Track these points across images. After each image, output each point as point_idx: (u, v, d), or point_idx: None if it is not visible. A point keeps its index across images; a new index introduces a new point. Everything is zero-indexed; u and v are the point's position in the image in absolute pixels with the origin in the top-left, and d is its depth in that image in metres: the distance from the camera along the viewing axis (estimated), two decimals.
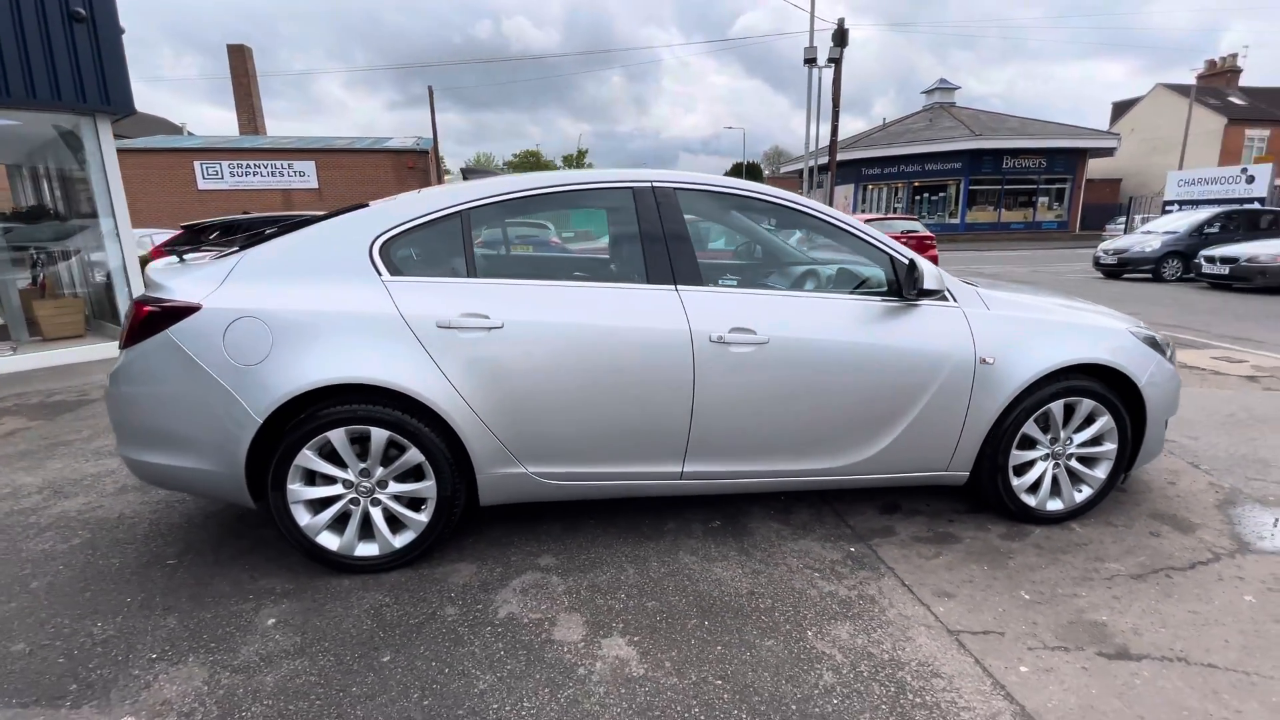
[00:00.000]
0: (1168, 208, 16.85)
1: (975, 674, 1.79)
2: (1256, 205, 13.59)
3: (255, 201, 21.93)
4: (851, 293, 2.45)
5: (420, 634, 1.96)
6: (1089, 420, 2.57)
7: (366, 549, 2.26)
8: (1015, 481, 2.57)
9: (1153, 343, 2.67)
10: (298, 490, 2.17)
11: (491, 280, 2.25)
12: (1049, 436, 2.56)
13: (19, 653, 1.90)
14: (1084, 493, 2.64)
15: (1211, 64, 32.45)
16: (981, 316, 2.45)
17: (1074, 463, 2.61)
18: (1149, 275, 12.19)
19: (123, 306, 6.00)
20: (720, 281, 2.72)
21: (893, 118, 35.39)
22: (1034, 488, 2.60)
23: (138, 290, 5.97)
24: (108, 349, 5.83)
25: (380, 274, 2.18)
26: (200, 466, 2.15)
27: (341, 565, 2.26)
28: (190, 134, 26.38)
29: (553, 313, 2.20)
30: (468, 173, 2.90)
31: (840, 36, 14.32)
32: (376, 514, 2.24)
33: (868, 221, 10.51)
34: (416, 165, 25.53)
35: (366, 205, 2.34)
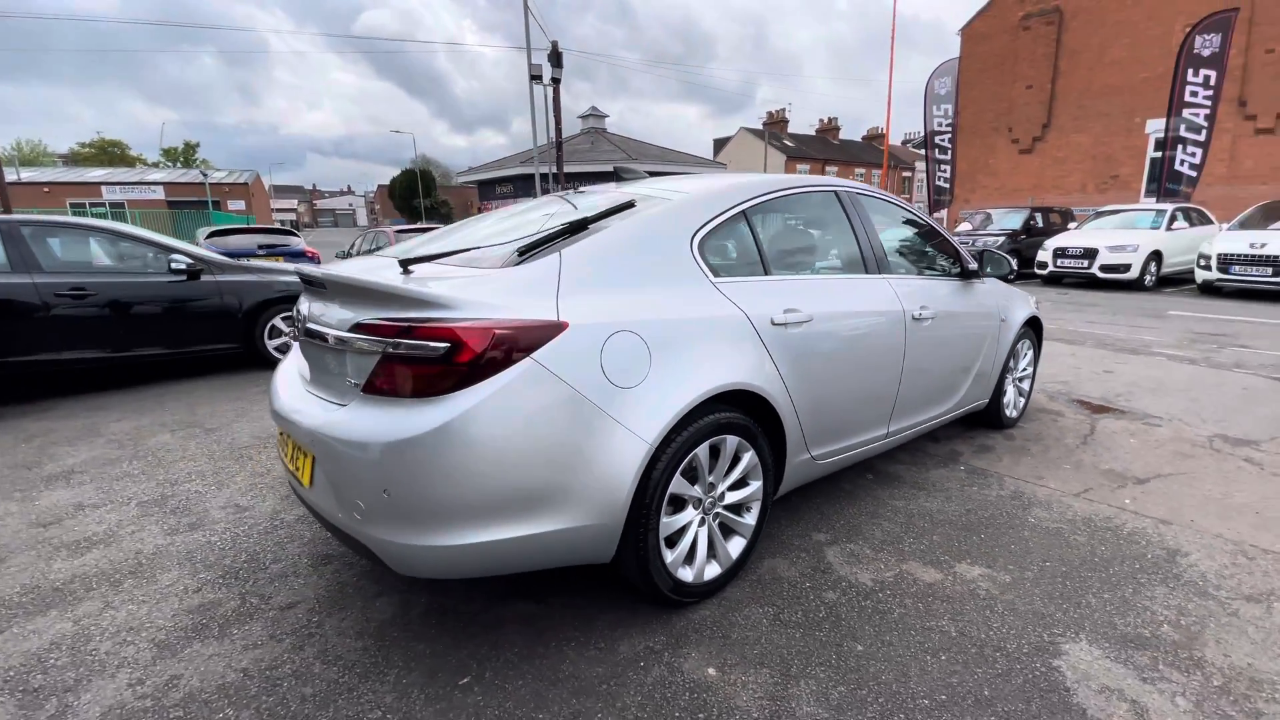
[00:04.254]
0: None
1: (1122, 509, 2.76)
2: None
3: None
4: (950, 275, 3.24)
5: (843, 623, 2.00)
6: (1025, 354, 3.91)
7: (711, 570, 2.09)
8: (1004, 400, 3.75)
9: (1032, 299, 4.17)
10: (666, 522, 1.90)
11: (788, 276, 2.32)
12: (1015, 366, 3.81)
13: None
14: (1022, 403, 3.98)
15: (770, 114, 44.60)
16: (994, 289, 3.52)
17: (1020, 383, 3.93)
18: None
19: None
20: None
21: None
22: (1005, 404, 3.82)
23: None
24: None
25: (707, 275, 2.05)
26: (571, 525, 1.70)
27: (693, 595, 2.04)
28: None
29: (837, 303, 2.40)
30: (620, 171, 2.73)
31: (556, 58, 15.30)
32: (717, 528, 2.10)
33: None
34: None
35: (633, 204, 2.11)
